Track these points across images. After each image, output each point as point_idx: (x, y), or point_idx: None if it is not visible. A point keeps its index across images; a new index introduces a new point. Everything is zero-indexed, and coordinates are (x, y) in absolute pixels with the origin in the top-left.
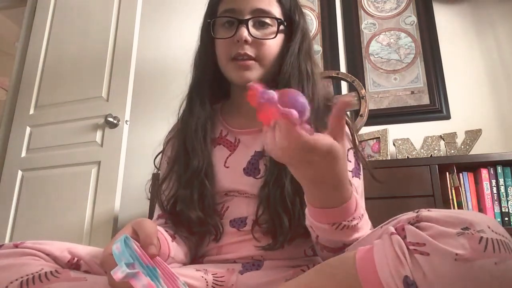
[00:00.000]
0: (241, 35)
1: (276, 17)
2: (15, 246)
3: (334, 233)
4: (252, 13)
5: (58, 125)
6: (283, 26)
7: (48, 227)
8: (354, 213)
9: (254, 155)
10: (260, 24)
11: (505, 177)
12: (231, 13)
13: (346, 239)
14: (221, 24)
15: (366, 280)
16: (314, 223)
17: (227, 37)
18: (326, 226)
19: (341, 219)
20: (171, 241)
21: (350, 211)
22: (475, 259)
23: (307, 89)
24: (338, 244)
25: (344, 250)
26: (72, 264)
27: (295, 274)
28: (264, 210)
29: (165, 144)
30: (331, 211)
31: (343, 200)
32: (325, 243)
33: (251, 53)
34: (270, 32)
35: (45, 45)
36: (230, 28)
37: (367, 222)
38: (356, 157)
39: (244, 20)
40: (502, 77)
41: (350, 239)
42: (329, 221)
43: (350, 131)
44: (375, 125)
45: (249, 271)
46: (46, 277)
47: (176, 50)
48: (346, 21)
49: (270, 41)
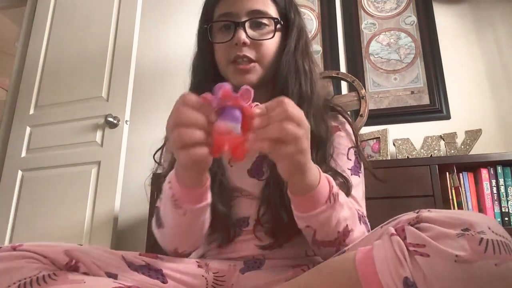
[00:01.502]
0: (239, 37)
1: (272, 17)
2: (13, 248)
3: (329, 216)
4: (248, 15)
5: (58, 125)
6: (279, 25)
7: (48, 227)
8: (332, 183)
9: (259, 156)
10: (257, 25)
11: (505, 177)
12: (227, 16)
13: (339, 225)
14: (218, 28)
15: (366, 280)
16: (309, 214)
17: (225, 41)
18: (323, 207)
19: (327, 192)
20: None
21: (330, 183)
22: (475, 260)
23: (305, 86)
24: (333, 234)
25: (340, 248)
26: (70, 266)
27: (295, 274)
28: (265, 210)
29: (166, 138)
30: (317, 191)
31: (318, 174)
32: (321, 236)
33: (250, 54)
34: (267, 32)
35: (45, 45)
36: (227, 32)
37: (349, 206)
38: (357, 156)
39: (241, 22)
40: (502, 77)
41: (341, 218)
42: (322, 201)
43: (352, 130)
44: (375, 125)
45: (250, 269)
46: (43, 280)
47: (176, 50)
48: (346, 21)
49: (268, 41)
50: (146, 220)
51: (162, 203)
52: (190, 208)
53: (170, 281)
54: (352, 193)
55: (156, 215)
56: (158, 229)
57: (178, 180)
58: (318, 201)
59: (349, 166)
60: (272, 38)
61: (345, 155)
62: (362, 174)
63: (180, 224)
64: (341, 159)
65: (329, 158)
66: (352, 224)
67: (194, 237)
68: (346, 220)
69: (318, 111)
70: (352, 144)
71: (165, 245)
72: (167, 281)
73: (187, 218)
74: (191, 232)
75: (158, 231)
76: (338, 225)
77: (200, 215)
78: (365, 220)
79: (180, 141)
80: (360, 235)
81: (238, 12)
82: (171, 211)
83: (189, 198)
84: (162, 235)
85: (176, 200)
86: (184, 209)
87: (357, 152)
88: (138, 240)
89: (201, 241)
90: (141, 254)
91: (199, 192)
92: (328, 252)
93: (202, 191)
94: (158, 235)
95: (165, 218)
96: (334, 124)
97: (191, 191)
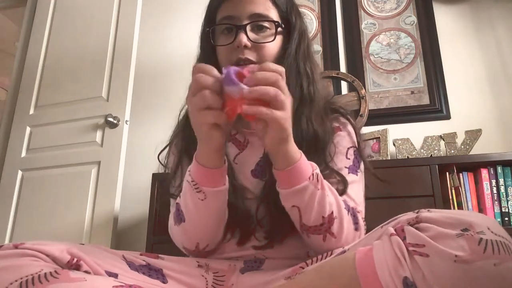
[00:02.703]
0: (240, 40)
1: (273, 20)
2: (14, 247)
3: (312, 193)
4: (249, 18)
5: (58, 125)
6: (280, 28)
7: (48, 227)
8: (315, 167)
9: (262, 157)
10: (258, 28)
11: (505, 177)
12: (229, 19)
13: (323, 208)
14: (221, 31)
15: (365, 280)
16: (294, 189)
17: (227, 43)
18: (306, 182)
19: (310, 170)
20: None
21: (313, 166)
22: (475, 260)
23: (306, 89)
24: (319, 219)
25: (327, 236)
26: (72, 265)
27: (294, 271)
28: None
29: (173, 138)
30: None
31: (298, 151)
32: (307, 220)
33: (251, 57)
34: (269, 35)
35: (45, 45)
36: (229, 34)
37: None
38: (356, 156)
39: (243, 25)
40: (502, 77)
41: (325, 201)
42: (306, 176)
43: (353, 130)
44: (375, 125)
45: (250, 269)
46: (45, 278)
47: (176, 50)
48: (346, 21)
49: (270, 44)
50: (146, 220)
51: (182, 196)
52: (210, 191)
53: (170, 280)
54: (348, 191)
55: (175, 211)
56: (178, 225)
57: (197, 160)
58: (302, 175)
59: (346, 165)
60: (273, 41)
61: (343, 154)
62: (360, 174)
63: (200, 210)
64: (339, 157)
65: (329, 159)
66: (337, 212)
67: (214, 226)
68: (331, 206)
69: (319, 113)
70: (353, 144)
71: (185, 242)
72: (167, 280)
73: (207, 202)
74: (211, 219)
75: (178, 228)
76: (323, 208)
77: (219, 200)
78: (355, 212)
79: (202, 102)
80: (347, 225)
81: (239, 15)
82: (191, 199)
83: (208, 179)
84: (183, 230)
85: (196, 184)
86: (204, 193)
87: (357, 152)
88: (138, 240)
89: (220, 235)
90: (141, 254)
91: (217, 173)
92: (316, 241)
93: (220, 172)
94: (177, 233)
95: (186, 208)
96: (336, 125)
97: (210, 172)
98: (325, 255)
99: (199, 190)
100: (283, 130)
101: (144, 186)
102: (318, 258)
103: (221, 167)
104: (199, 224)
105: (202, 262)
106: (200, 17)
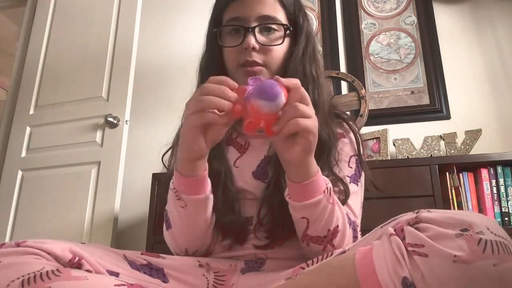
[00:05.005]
0: (248, 43)
1: (282, 23)
2: (16, 245)
3: (325, 206)
4: (258, 20)
5: (58, 125)
6: (289, 31)
7: (48, 227)
8: (327, 180)
9: (264, 159)
10: (266, 30)
11: (505, 177)
12: (237, 21)
13: (330, 222)
14: (228, 32)
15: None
16: (309, 202)
17: (234, 45)
18: (321, 196)
19: (324, 184)
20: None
21: (325, 179)
22: (474, 260)
23: (312, 92)
24: (324, 230)
25: (327, 247)
26: (73, 263)
27: (295, 272)
28: (265, 210)
29: (177, 140)
30: (318, 177)
31: (315, 163)
32: (313, 231)
33: (259, 59)
34: (277, 37)
35: (45, 45)
36: (237, 36)
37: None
38: (358, 165)
39: (251, 27)
40: (502, 77)
41: (333, 214)
42: (321, 190)
43: (356, 139)
44: (375, 125)
45: (251, 270)
46: (47, 276)
47: (176, 50)
48: (346, 21)
49: (277, 46)
50: (146, 220)
51: (168, 203)
52: (189, 199)
53: (171, 280)
54: (348, 202)
55: (165, 217)
56: (167, 231)
57: (176, 168)
58: (318, 189)
59: (348, 174)
60: (281, 44)
61: (346, 162)
62: (361, 184)
63: (182, 218)
64: (342, 165)
65: (333, 164)
66: (342, 226)
67: (198, 233)
68: (338, 220)
69: (324, 117)
70: (354, 153)
71: (175, 247)
72: (168, 280)
73: (188, 210)
74: (194, 227)
75: (167, 233)
76: (330, 222)
77: (200, 209)
78: (355, 226)
79: (198, 106)
80: (347, 238)
81: (247, 17)
82: (174, 206)
83: (187, 187)
84: (171, 236)
85: (176, 191)
86: (184, 201)
87: (359, 161)
88: (138, 240)
89: (207, 240)
90: (142, 253)
91: (196, 182)
92: (315, 250)
93: (199, 180)
94: (168, 239)
95: (171, 215)
96: (340, 131)
97: (189, 180)
98: (325, 255)
99: (179, 198)
100: (311, 144)
101: (144, 186)
102: (319, 258)
103: (200, 175)
104: (182, 231)
105: (203, 261)
106: (200, 17)
